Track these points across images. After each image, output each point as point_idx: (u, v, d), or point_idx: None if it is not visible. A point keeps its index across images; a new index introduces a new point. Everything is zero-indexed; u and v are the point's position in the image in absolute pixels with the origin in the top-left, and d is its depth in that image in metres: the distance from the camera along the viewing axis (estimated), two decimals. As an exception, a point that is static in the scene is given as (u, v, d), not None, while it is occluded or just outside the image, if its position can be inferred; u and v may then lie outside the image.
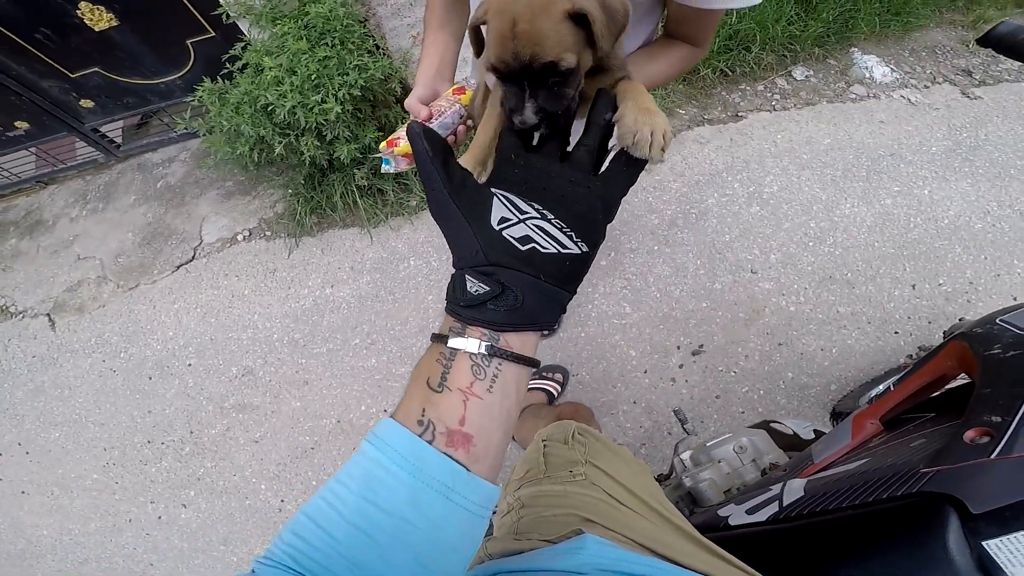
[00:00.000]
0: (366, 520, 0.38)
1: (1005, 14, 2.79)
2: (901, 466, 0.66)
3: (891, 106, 2.43)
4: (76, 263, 2.55)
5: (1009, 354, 0.70)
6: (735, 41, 2.50)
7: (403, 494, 0.39)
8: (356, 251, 2.28)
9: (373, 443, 0.41)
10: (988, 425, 0.60)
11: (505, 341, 0.44)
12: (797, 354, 1.89)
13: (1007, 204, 2.10)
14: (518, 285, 0.43)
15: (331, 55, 1.87)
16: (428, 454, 0.40)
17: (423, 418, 0.41)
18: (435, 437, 0.41)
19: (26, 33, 2.17)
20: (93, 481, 2.10)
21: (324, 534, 0.38)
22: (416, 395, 0.43)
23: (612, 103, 0.46)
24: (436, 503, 0.39)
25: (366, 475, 0.40)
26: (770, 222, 2.12)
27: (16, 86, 2.36)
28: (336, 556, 0.38)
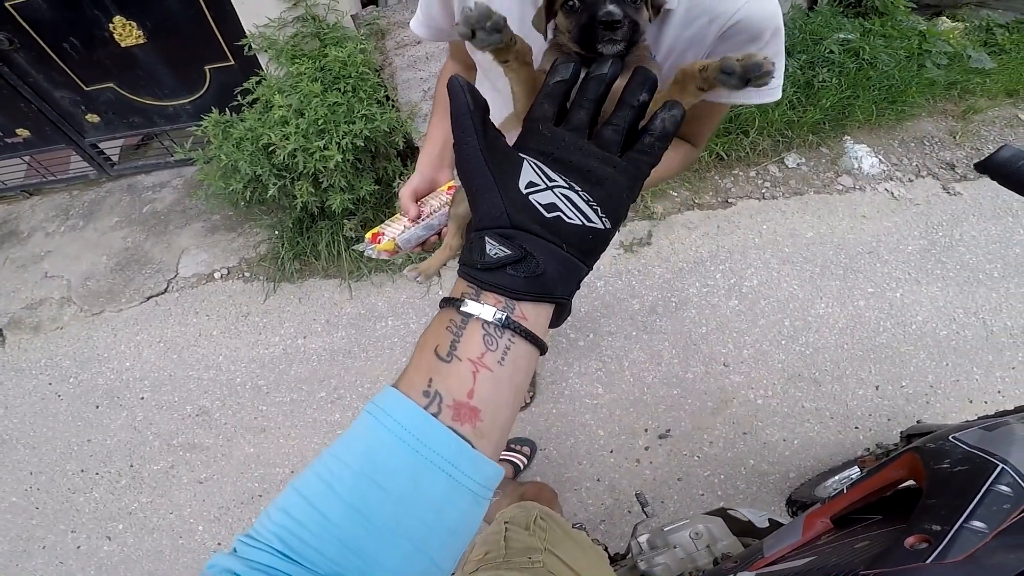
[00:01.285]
0: (363, 500, 0.38)
1: (995, 104, 3.04)
2: (844, 566, 0.74)
3: (875, 200, 2.65)
4: (42, 280, 2.62)
5: (956, 469, 0.79)
6: (734, 124, 2.70)
7: (404, 471, 0.39)
8: (334, 304, 2.39)
9: (374, 414, 0.41)
10: (928, 533, 0.68)
11: (520, 311, 0.43)
12: (760, 443, 2.02)
13: (972, 311, 2.30)
14: (540, 251, 0.43)
15: (341, 101, 2.01)
16: (433, 428, 0.40)
17: (429, 388, 0.41)
18: (441, 410, 0.40)
19: (55, 41, 2.31)
20: (10, 504, 2.11)
21: (317, 513, 0.38)
22: (422, 364, 0.42)
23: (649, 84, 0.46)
24: (439, 481, 0.39)
25: (366, 450, 0.39)
26: (747, 317, 2.29)
27: (29, 93, 2.50)
28: (329, 538, 0.37)
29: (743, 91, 0.68)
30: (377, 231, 0.95)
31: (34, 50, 2.33)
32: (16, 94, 2.49)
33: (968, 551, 0.64)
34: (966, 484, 0.73)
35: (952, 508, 0.70)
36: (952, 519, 0.68)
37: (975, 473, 0.75)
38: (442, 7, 0.86)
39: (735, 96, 0.75)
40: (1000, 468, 0.73)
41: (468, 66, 1.02)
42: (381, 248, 0.93)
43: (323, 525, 0.37)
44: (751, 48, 0.67)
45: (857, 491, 1.00)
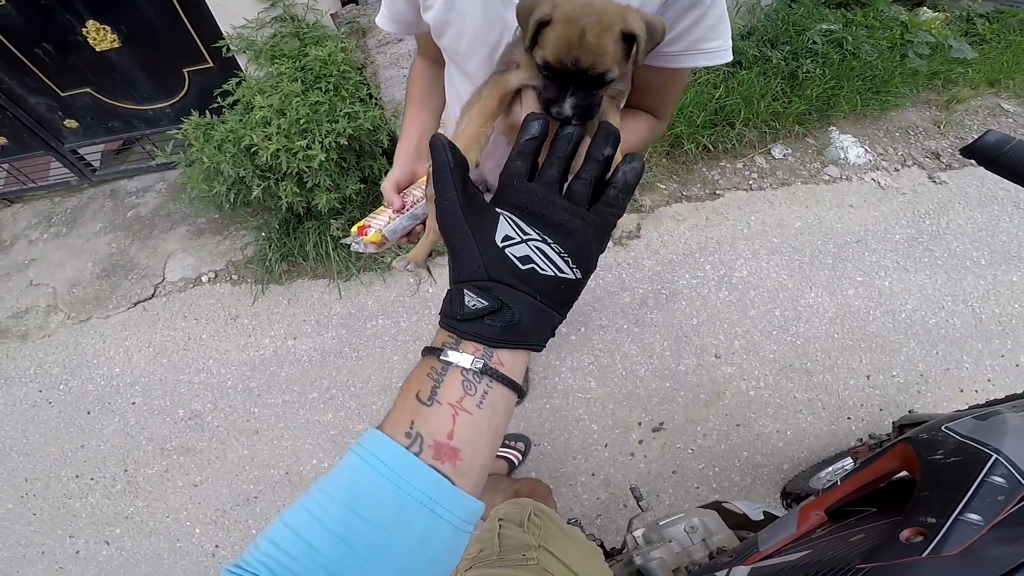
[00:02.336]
0: (349, 531, 0.40)
1: (978, 93, 3.08)
2: (839, 560, 0.74)
3: (861, 189, 2.66)
4: (27, 289, 2.58)
5: (949, 460, 0.79)
6: (720, 116, 2.70)
7: (388, 506, 0.40)
8: (324, 304, 2.37)
9: (359, 453, 0.43)
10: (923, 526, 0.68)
11: (498, 358, 0.46)
12: (753, 435, 2.02)
13: (960, 299, 2.31)
14: (516, 302, 0.45)
15: (323, 100, 1.98)
16: (415, 466, 0.42)
17: (411, 430, 0.43)
18: (423, 450, 0.43)
19: (27, 47, 2.26)
20: (7, 511, 2.08)
21: (304, 544, 0.39)
22: (405, 408, 0.45)
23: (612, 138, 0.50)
24: (421, 516, 0.41)
25: (351, 485, 0.41)
26: (737, 308, 2.28)
27: (3, 100, 2.45)
28: (315, 567, 0.38)
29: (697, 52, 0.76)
30: (363, 224, 0.96)
31: (5, 56, 2.28)
32: (-10, 101, 2.44)
33: (964, 544, 0.63)
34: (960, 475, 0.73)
35: (946, 500, 0.69)
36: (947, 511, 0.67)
37: (968, 464, 0.74)
38: (407, 1, 0.87)
39: (690, 59, 0.78)
40: (994, 458, 0.72)
41: (436, 60, 1.02)
42: (368, 240, 0.94)
43: (310, 555, 0.39)
44: (694, 12, 0.72)
45: (851, 483, 1.00)
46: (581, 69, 0.55)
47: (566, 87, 0.57)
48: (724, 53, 0.77)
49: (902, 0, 3.36)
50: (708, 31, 0.74)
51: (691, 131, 2.65)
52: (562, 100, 0.57)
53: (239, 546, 1.95)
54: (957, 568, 0.62)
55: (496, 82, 0.67)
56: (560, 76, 0.57)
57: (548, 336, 0.49)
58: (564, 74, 0.56)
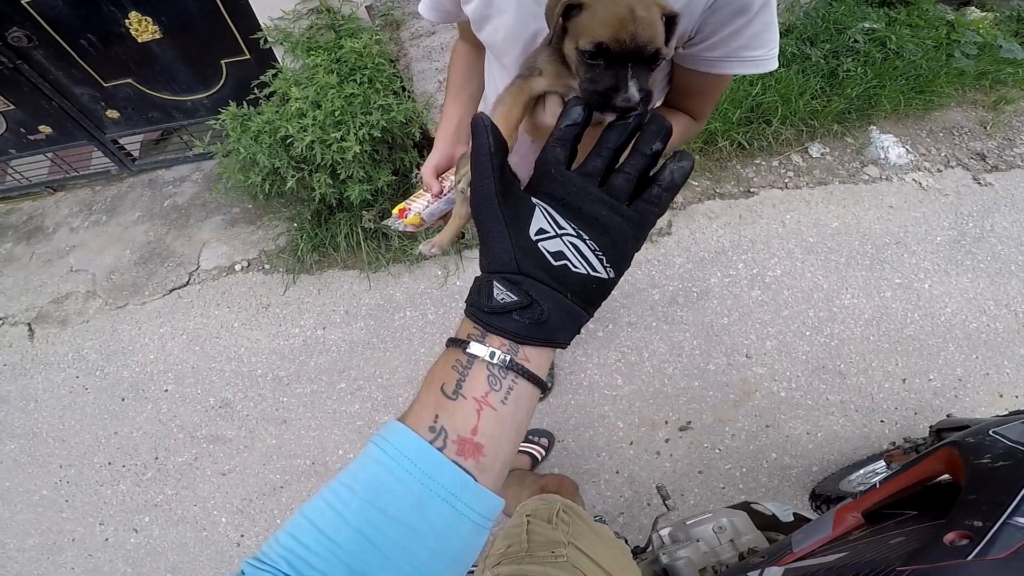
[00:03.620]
0: (370, 525, 0.40)
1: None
2: (879, 563, 0.73)
3: (902, 190, 2.59)
4: (68, 275, 2.67)
5: (998, 464, 0.77)
6: (756, 114, 2.66)
7: (410, 500, 0.40)
8: (353, 295, 2.41)
9: (382, 447, 0.42)
10: (969, 529, 0.67)
11: (524, 354, 0.45)
12: (783, 436, 2.00)
13: (1003, 303, 2.24)
14: (545, 299, 0.44)
15: (357, 92, 2.01)
16: (438, 461, 0.42)
17: (435, 424, 0.43)
18: (446, 444, 0.42)
19: (73, 38, 2.33)
20: (41, 497, 2.15)
21: (325, 538, 0.39)
22: (429, 401, 0.44)
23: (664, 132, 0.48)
24: (443, 511, 0.41)
25: (373, 479, 0.41)
26: (770, 308, 2.25)
27: (49, 90, 2.53)
28: (336, 562, 0.39)
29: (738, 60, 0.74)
30: (403, 207, 1.01)
31: (52, 47, 2.36)
32: (37, 91, 2.52)
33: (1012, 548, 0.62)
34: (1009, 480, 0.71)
35: (994, 504, 0.68)
36: (995, 515, 0.66)
37: (1018, 469, 0.73)
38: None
39: (731, 67, 0.76)
40: None
41: (477, 45, 1.03)
42: (408, 222, 0.99)
43: (331, 549, 0.39)
44: (739, 19, 0.69)
45: (891, 486, 0.99)
46: (640, 45, 0.52)
47: (623, 71, 0.53)
48: (768, 62, 0.76)
49: (948, 0, 3.27)
50: (752, 39, 0.73)
51: (726, 128, 2.61)
52: (624, 85, 0.52)
53: (264, 536, 1.99)
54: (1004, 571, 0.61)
55: (519, 89, 0.66)
56: (615, 58, 0.53)
57: (574, 334, 0.48)
58: (619, 56, 0.53)
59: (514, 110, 0.65)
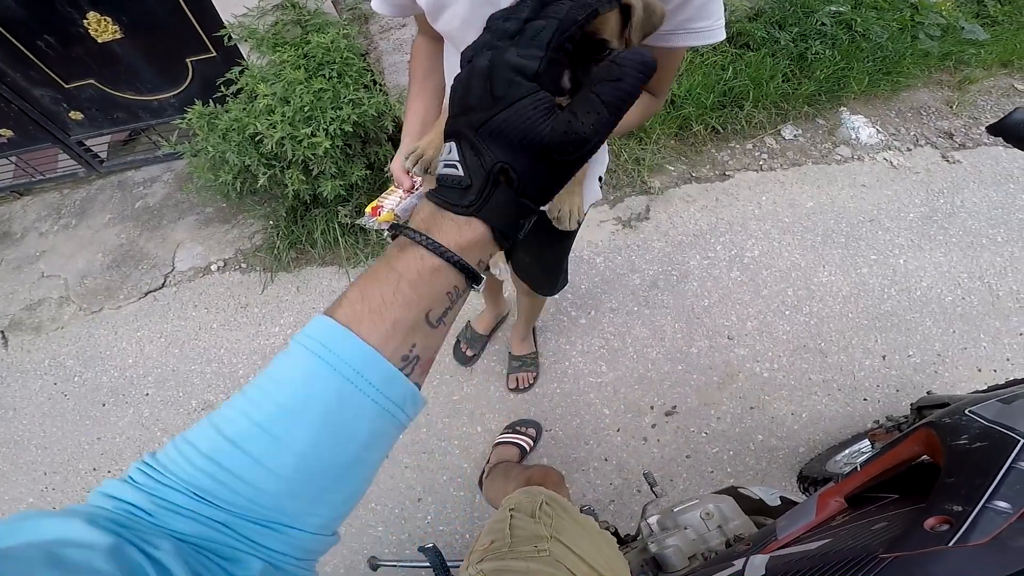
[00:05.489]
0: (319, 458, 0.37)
1: (991, 74, 3.02)
2: (861, 550, 0.72)
3: (874, 169, 2.61)
4: (39, 281, 2.57)
5: (975, 445, 0.76)
6: (729, 98, 2.65)
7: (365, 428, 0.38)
8: (333, 292, 2.34)
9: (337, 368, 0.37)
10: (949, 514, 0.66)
11: None
12: (768, 418, 1.99)
13: (976, 276, 2.26)
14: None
15: (327, 87, 1.94)
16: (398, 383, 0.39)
17: (410, 353, 0.40)
18: (412, 371, 0.40)
19: (29, 39, 2.23)
20: (28, 505, 2.09)
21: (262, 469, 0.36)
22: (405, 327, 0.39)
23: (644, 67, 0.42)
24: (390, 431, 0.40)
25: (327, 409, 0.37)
26: (749, 288, 2.24)
27: (8, 93, 2.42)
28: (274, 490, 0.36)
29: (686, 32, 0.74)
30: (376, 204, 0.99)
31: (8, 49, 2.24)
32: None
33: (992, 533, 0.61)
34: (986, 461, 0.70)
35: (973, 487, 0.67)
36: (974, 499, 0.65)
37: (995, 449, 0.72)
38: None
39: (681, 39, 0.76)
40: (1021, 443, 0.69)
41: (436, 38, 1.01)
42: (381, 220, 0.98)
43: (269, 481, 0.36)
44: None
45: (871, 469, 0.98)
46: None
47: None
48: (715, 32, 0.76)
49: None
50: (698, 11, 0.73)
51: (700, 113, 2.59)
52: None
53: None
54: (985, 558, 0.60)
55: None
56: None
57: None
58: None
59: None
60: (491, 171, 0.39)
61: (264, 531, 0.37)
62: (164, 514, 0.35)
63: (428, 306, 0.40)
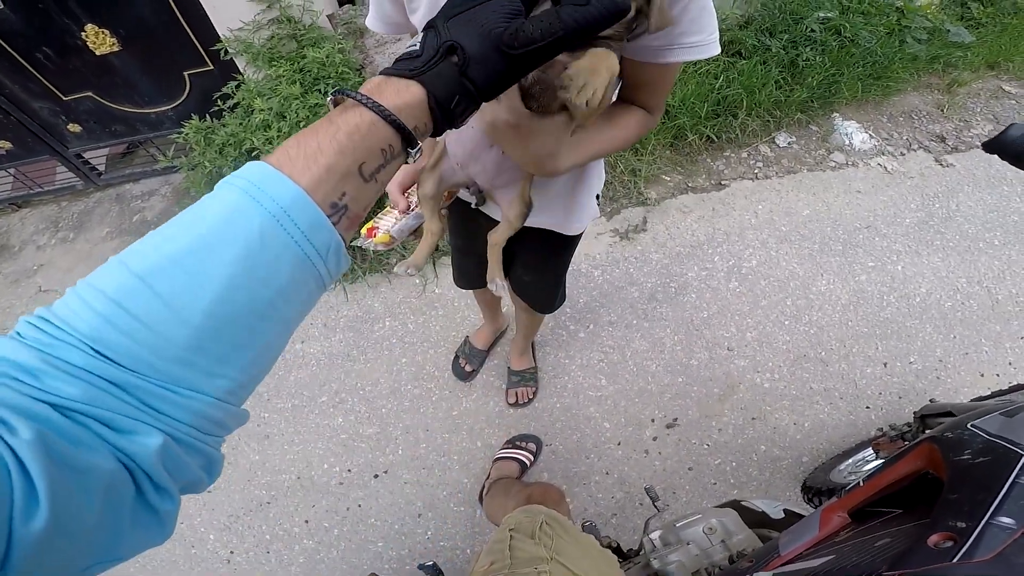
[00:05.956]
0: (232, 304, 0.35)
1: (979, 76, 3.04)
2: (865, 567, 0.71)
3: (868, 175, 2.61)
4: (36, 295, 2.55)
5: (978, 460, 0.75)
6: (722, 107, 2.65)
7: (286, 271, 0.37)
8: (330, 307, 2.32)
9: (265, 205, 0.35)
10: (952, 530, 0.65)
11: None
12: (770, 428, 1.97)
13: (975, 280, 2.26)
14: None
15: (322, 103, 1.94)
16: (323, 230, 0.38)
17: (339, 202, 0.39)
18: (341, 221, 0.40)
19: (27, 51, 2.23)
20: None
21: (172, 313, 0.33)
22: (339, 171, 0.38)
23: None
24: (309, 281, 0.39)
25: (248, 246, 0.35)
26: (747, 299, 2.23)
27: (7, 104, 2.42)
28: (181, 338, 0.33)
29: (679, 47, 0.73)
30: (371, 225, 0.98)
31: (7, 61, 2.24)
32: (-8, 105, 2.41)
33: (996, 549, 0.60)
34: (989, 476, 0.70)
35: (976, 503, 0.66)
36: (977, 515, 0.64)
37: (998, 464, 0.71)
38: (392, 2, 0.86)
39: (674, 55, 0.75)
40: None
41: None
42: (378, 241, 0.97)
43: (177, 328, 0.33)
44: (677, 6, 0.69)
45: (873, 484, 0.96)
46: None
47: None
48: (708, 47, 0.75)
49: None
50: (690, 24, 0.71)
51: (694, 122, 2.59)
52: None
53: (253, 552, 1.92)
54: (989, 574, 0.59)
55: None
56: None
57: None
58: None
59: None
60: (441, 45, 0.42)
61: (165, 394, 0.34)
62: (52, 375, 0.30)
63: (362, 157, 0.40)
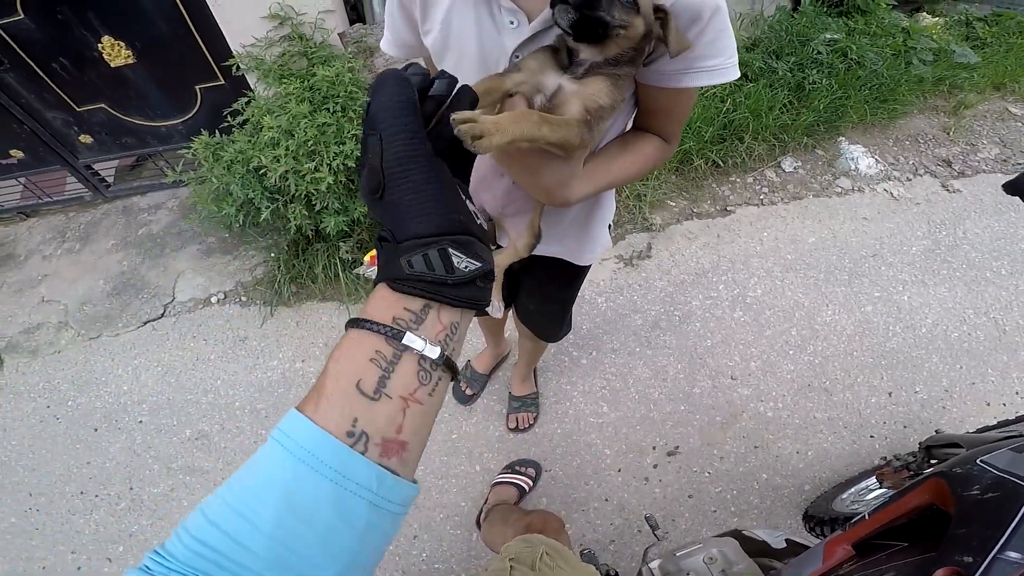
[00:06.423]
0: (286, 533, 0.36)
1: (984, 98, 3.04)
2: None
3: (874, 201, 2.60)
4: (39, 305, 2.55)
5: (987, 496, 0.75)
6: (729, 131, 2.65)
7: (327, 503, 0.37)
8: (332, 327, 2.32)
9: (292, 451, 0.37)
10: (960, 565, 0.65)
11: (460, 332, 0.44)
12: (772, 457, 1.95)
13: (982, 311, 2.24)
14: (490, 259, 0.43)
15: (330, 122, 1.94)
16: (359, 464, 0.38)
17: (354, 429, 0.38)
18: (368, 449, 0.38)
19: (44, 61, 2.26)
20: (9, 525, 2.03)
21: (237, 546, 0.36)
22: (342, 401, 0.39)
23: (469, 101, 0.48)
24: (363, 511, 0.38)
25: (284, 485, 0.37)
26: (752, 328, 2.21)
27: (21, 114, 2.44)
28: (253, 568, 0.36)
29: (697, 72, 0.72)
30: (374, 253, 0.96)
31: (24, 70, 2.27)
32: (8, 115, 2.42)
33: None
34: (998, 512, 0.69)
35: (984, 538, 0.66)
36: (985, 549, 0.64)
37: (1007, 500, 0.71)
38: (407, 25, 0.85)
39: (691, 79, 0.73)
40: None
41: None
42: None
43: (248, 556, 0.35)
44: (692, 30, 0.68)
45: (880, 517, 0.96)
46: None
47: None
48: (727, 71, 0.73)
49: (901, 6, 3.30)
50: (707, 47, 0.70)
51: (700, 146, 2.59)
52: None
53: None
54: None
55: (492, 78, 0.65)
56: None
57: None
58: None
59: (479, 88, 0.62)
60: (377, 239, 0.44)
61: None
62: None
63: (357, 374, 0.39)
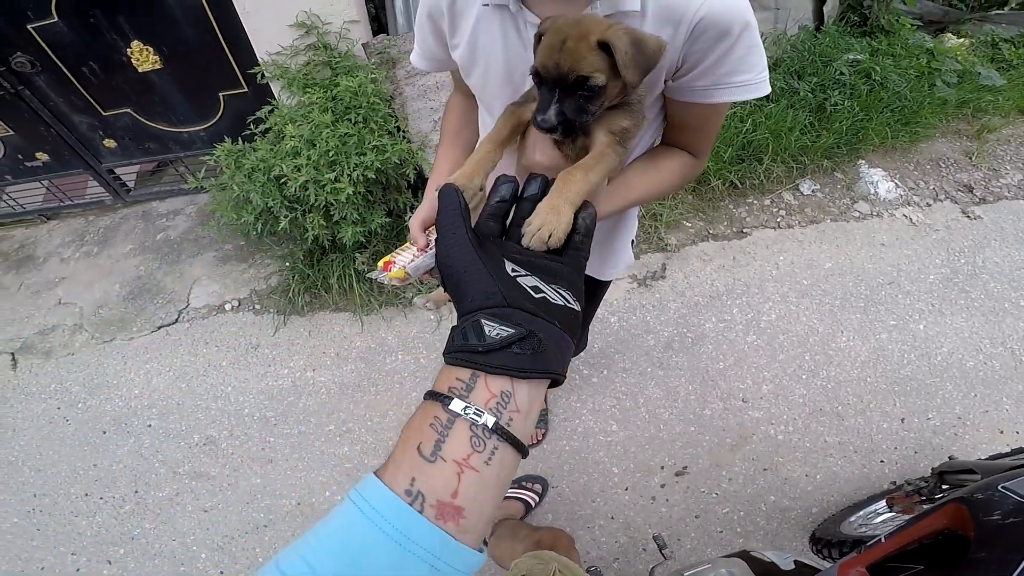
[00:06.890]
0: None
1: (1009, 122, 2.99)
2: None
3: (893, 226, 2.57)
4: (55, 307, 2.59)
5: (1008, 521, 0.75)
6: (747, 151, 2.64)
7: (388, 562, 0.38)
8: (344, 337, 2.34)
9: (359, 504, 0.40)
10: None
11: (515, 403, 0.43)
12: (781, 479, 1.93)
13: (999, 341, 2.20)
14: (539, 328, 0.44)
15: (352, 132, 1.96)
16: (417, 523, 0.39)
17: (412, 488, 0.40)
18: (424, 508, 0.40)
19: (75, 65, 2.31)
20: (12, 524, 2.05)
21: None
22: (405, 461, 0.41)
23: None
24: (421, 571, 0.39)
25: (348, 539, 0.39)
26: (765, 352, 2.20)
27: (49, 117, 2.49)
28: None
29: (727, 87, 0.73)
30: (388, 259, 0.96)
31: (55, 73, 2.33)
32: (36, 117, 2.48)
33: None
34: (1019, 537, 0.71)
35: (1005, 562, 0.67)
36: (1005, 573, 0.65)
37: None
38: (436, 39, 0.87)
39: (721, 95, 0.74)
40: None
41: (470, 95, 1.00)
42: (392, 276, 0.95)
43: None
44: (722, 44, 0.68)
45: (896, 540, 0.96)
46: (562, 73, 0.58)
47: (551, 95, 0.60)
48: (757, 86, 0.73)
49: (926, 26, 3.28)
50: (738, 63, 0.70)
51: (718, 167, 2.59)
52: (546, 108, 0.59)
53: (244, 574, 1.90)
54: None
55: (511, 113, 0.69)
56: (547, 83, 0.60)
57: (566, 366, 0.47)
58: (548, 81, 0.59)
59: (502, 130, 0.67)
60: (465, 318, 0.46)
61: None
62: None
63: (416, 438, 0.42)
